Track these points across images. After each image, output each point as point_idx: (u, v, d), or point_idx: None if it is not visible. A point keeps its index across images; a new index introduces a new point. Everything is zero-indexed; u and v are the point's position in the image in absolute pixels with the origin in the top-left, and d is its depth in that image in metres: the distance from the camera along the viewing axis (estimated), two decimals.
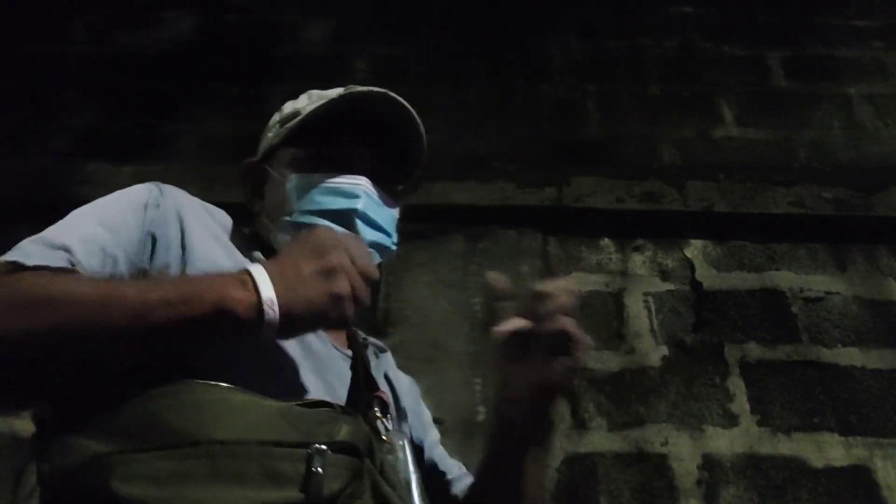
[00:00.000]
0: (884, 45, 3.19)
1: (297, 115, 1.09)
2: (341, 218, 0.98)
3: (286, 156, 1.07)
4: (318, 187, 1.00)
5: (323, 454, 0.69)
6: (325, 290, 0.76)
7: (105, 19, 3.44)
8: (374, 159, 1.07)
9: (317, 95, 1.11)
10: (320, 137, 1.05)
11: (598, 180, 2.60)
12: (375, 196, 1.04)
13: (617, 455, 2.06)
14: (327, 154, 1.04)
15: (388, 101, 1.05)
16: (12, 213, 2.58)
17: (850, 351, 2.25)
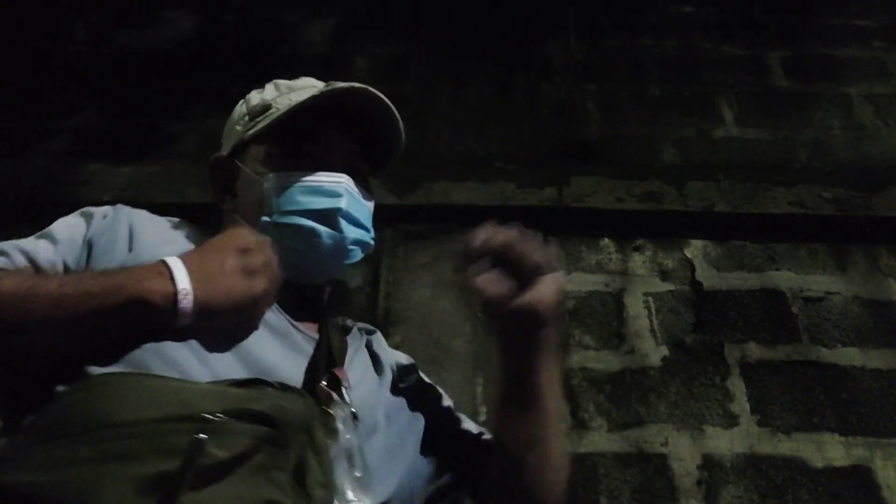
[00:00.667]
0: (884, 45, 3.19)
1: (268, 108, 1.06)
2: (325, 217, 0.97)
3: (259, 152, 1.04)
4: (298, 186, 0.98)
5: (212, 424, 0.69)
6: (245, 287, 0.79)
7: (105, 19, 3.44)
8: (354, 154, 1.07)
9: (285, 86, 1.09)
10: (297, 133, 1.03)
11: (598, 180, 2.60)
12: (356, 193, 1.03)
13: (617, 455, 2.06)
14: (305, 150, 1.02)
15: (366, 95, 1.06)
16: (12, 213, 2.59)
17: (850, 351, 2.25)
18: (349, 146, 1.06)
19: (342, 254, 1.01)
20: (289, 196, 0.97)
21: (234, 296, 0.78)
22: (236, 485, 0.68)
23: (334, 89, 1.02)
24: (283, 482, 0.72)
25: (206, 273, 0.78)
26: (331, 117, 1.04)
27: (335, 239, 0.98)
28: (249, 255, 0.81)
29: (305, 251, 0.98)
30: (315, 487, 0.74)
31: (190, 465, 0.66)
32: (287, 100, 1.05)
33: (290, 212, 0.97)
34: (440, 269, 2.44)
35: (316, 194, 0.98)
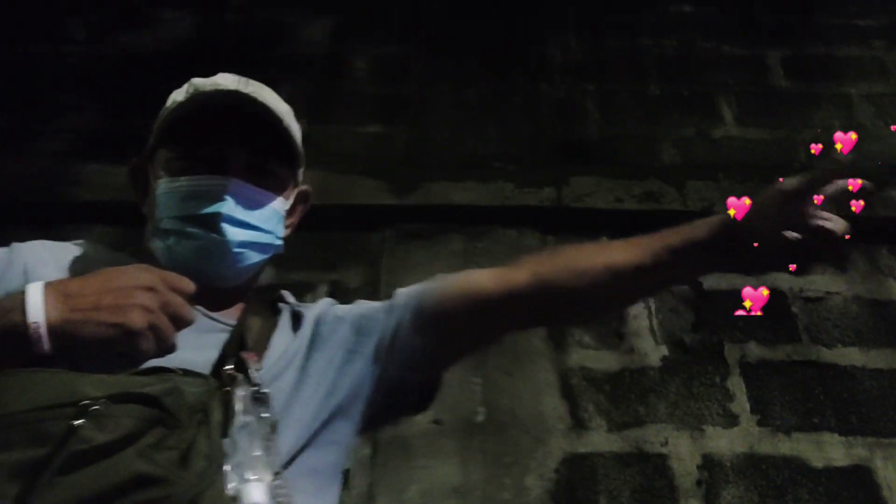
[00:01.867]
0: (884, 45, 3.19)
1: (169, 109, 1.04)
2: (207, 222, 0.96)
3: (160, 156, 1.03)
4: (181, 192, 0.98)
5: (91, 409, 0.69)
6: (115, 322, 0.76)
7: (104, 19, 3.44)
8: (250, 153, 1.02)
9: (194, 86, 1.05)
10: (189, 136, 1.01)
11: (597, 180, 2.60)
12: (246, 194, 1.00)
13: (617, 455, 2.06)
14: (198, 153, 1.00)
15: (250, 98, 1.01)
16: (11, 213, 2.59)
17: (850, 351, 2.25)
18: (245, 147, 1.01)
19: (229, 257, 0.99)
20: (173, 202, 0.97)
21: (99, 330, 0.76)
22: (113, 464, 0.69)
23: (197, 94, 1.00)
24: (169, 460, 0.72)
25: (72, 305, 0.76)
26: (226, 117, 1.00)
27: (216, 242, 0.97)
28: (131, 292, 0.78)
29: (192, 256, 0.98)
30: (198, 460, 0.74)
31: (60, 451, 0.66)
32: (182, 97, 1.03)
33: (173, 217, 0.97)
34: (439, 269, 2.43)
35: (198, 199, 0.97)
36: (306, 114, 3.00)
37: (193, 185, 0.98)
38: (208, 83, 1.03)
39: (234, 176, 0.99)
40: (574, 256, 1.09)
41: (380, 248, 2.53)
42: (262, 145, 1.03)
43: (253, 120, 1.01)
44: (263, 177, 1.03)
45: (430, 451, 2.06)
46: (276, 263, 2.51)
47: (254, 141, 1.02)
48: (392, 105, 3.03)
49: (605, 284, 1.04)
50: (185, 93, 1.04)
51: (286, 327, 1.06)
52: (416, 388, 1.10)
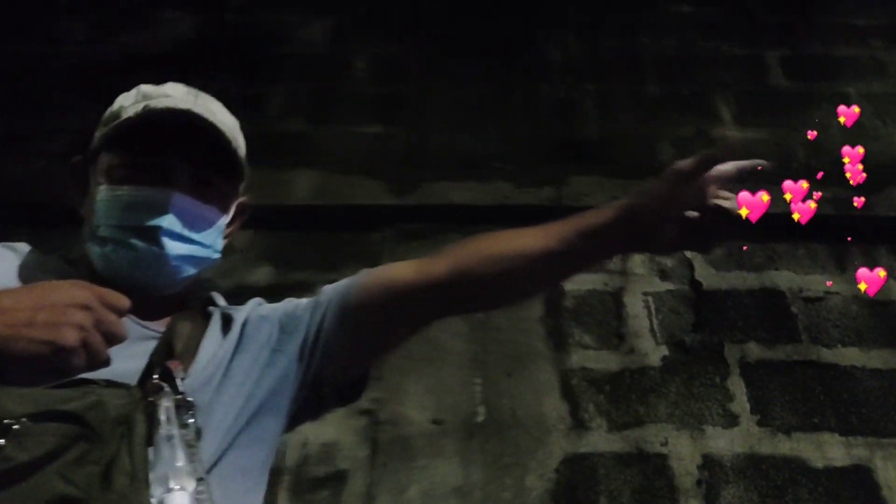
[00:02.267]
0: (882, 44, 3.20)
1: (117, 116, 1.04)
2: (147, 234, 0.97)
3: (104, 161, 1.02)
4: (124, 201, 0.98)
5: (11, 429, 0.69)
6: (48, 340, 0.75)
7: (104, 20, 3.44)
8: (195, 167, 1.02)
9: (143, 93, 1.06)
10: (134, 144, 1.00)
11: (596, 180, 2.60)
12: (188, 209, 1.00)
13: (617, 455, 2.06)
14: (143, 163, 1.00)
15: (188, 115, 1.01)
16: (10, 214, 2.58)
17: (850, 351, 2.25)
18: (195, 158, 1.02)
19: (166, 270, 0.99)
20: (114, 210, 0.98)
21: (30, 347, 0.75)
22: (35, 485, 0.69)
23: (148, 111, 1.00)
24: (92, 476, 0.72)
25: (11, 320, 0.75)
26: (174, 129, 1.00)
27: (155, 255, 0.97)
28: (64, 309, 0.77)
29: (129, 266, 0.98)
30: (119, 477, 0.74)
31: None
32: (134, 109, 1.02)
33: (113, 226, 0.97)
34: None
35: (139, 210, 0.97)
36: (306, 114, 3.01)
37: (136, 196, 0.98)
38: (159, 95, 1.04)
39: (178, 189, 0.99)
40: (489, 245, 1.15)
41: (379, 247, 2.53)
42: (206, 160, 1.03)
43: (199, 133, 1.01)
44: (206, 191, 1.03)
45: (430, 452, 2.06)
46: (275, 263, 2.52)
47: (199, 155, 1.02)
48: (392, 105, 3.03)
49: (520, 270, 1.09)
50: (134, 102, 1.04)
51: (216, 331, 1.07)
52: (344, 382, 1.12)
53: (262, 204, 2.58)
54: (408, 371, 2.23)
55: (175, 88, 1.07)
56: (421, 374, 2.22)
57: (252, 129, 2.59)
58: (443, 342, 2.27)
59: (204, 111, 1.02)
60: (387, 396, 2.17)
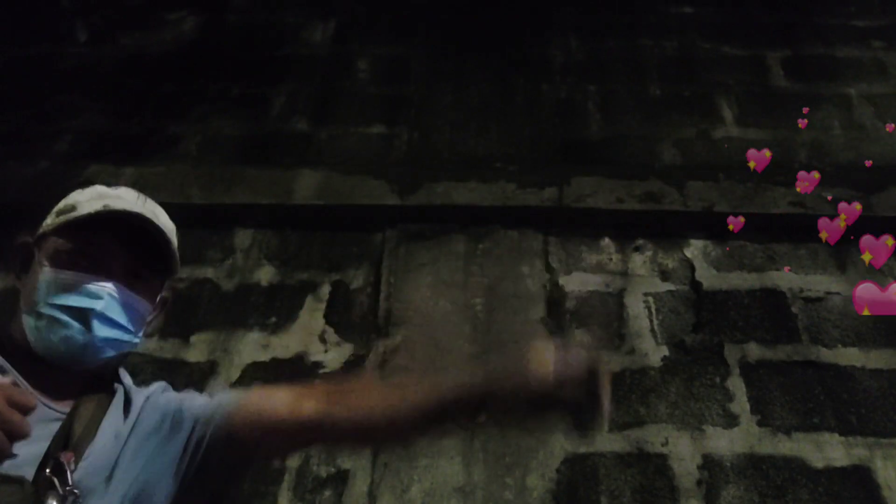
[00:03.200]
0: (883, 45, 3.20)
1: (72, 209, 1.13)
2: (79, 315, 1.07)
3: (51, 246, 1.12)
4: (65, 283, 1.08)
5: None
6: None
7: (107, 21, 3.45)
8: (132, 260, 1.13)
9: (98, 194, 1.17)
10: (83, 236, 1.11)
11: (598, 180, 2.60)
12: (121, 298, 1.11)
13: (618, 455, 2.07)
14: (87, 253, 1.10)
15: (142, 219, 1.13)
16: (14, 214, 2.59)
17: (850, 351, 2.25)
18: (134, 254, 1.14)
19: (91, 350, 1.09)
20: (55, 290, 1.07)
21: None
22: None
23: (110, 211, 1.11)
24: None
25: None
26: (119, 227, 1.12)
27: (84, 335, 1.07)
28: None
29: (57, 342, 1.06)
30: None
31: None
32: (93, 206, 1.12)
33: (51, 304, 1.07)
34: (441, 270, 2.45)
35: (78, 293, 1.08)
36: (309, 114, 3.02)
37: (76, 280, 1.08)
38: (114, 196, 1.16)
39: (114, 279, 1.10)
40: (362, 401, 1.22)
41: (382, 248, 2.54)
42: (143, 257, 1.15)
43: (142, 234, 1.14)
44: (138, 284, 1.14)
45: (432, 451, 2.07)
46: (278, 263, 2.53)
47: (138, 252, 1.14)
48: (394, 106, 3.03)
49: (385, 432, 1.21)
50: (90, 199, 1.15)
51: (117, 411, 1.14)
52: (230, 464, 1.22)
53: (265, 203, 2.62)
54: (409, 371, 2.24)
55: (128, 193, 1.19)
56: (422, 375, 2.23)
57: (255, 130, 2.64)
58: (444, 342, 2.28)
59: (150, 215, 1.14)
60: None
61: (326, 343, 2.32)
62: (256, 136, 2.89)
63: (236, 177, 2.66)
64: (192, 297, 2.44)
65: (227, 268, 2.51)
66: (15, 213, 2.61)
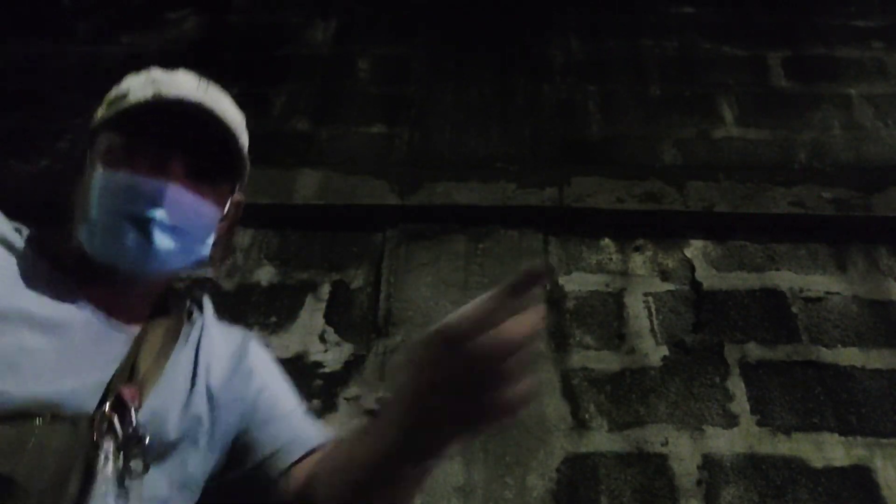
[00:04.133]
0: (884, 46, 3.20)
1: (123, 97, 1.00)
2: (138, 223, 0.93)
3: (102, 143, 0.98)
4: (119, 186, 0.94)
5: None
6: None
7: (108, 20, 3.45)
8: (195, 159, 0.99)
9: (151, 78, 1.03)
10: (135, 130, 0.97)
11: (598, 180, 2.61)
12: (184, 203, 0.96)
13: (617, 455, 2.07)
14: (140, 149, 0.96)
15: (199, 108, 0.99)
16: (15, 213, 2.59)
17: (849, 351, 2.25)
18: (196, 150, 0.98)
19: (152, 261, 0.96)
20: (108, 195, 0.94)
21: None
22: None
23: (160, 98, 0.97)
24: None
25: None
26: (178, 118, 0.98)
27: (143, 246, 0.94)
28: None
29: (115, 252, 0.94)
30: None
31: None
32: (144, 92, 0.99)
33: (104, 211, 0.94)
34: (441, 270, 2.45)
35: (134, 197, 0.93)
36: (310, 114, 3.02)
37: (132, 182, 0.94)
38: (170, 84, 1.01)
39: (175, 180, 0.96)
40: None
41: (382, 248, 2.54)
42: (208, 154, 1.00)
43: (205, 127, 0.99)
44: (203, 186, 1.00)
45: None
46: (278, 263, 2.53)
47: (201, 149, 0.99)
48: (395, 105, 3.04)
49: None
50: (143, 86, 1.01)
51: (191, 347, 1.03)
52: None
53: (265, 203, 2.61)
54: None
55: (187, 78, 1.05)
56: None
57: (256, 130, 2.59)
58: None
59: (213, 105, 1.00)
60: (390, 396, 2.17)
61: (326, 343, 2.32)
62: (257, 136, 2.85)
63: None
64: None
65: (227, 267, 2.51)
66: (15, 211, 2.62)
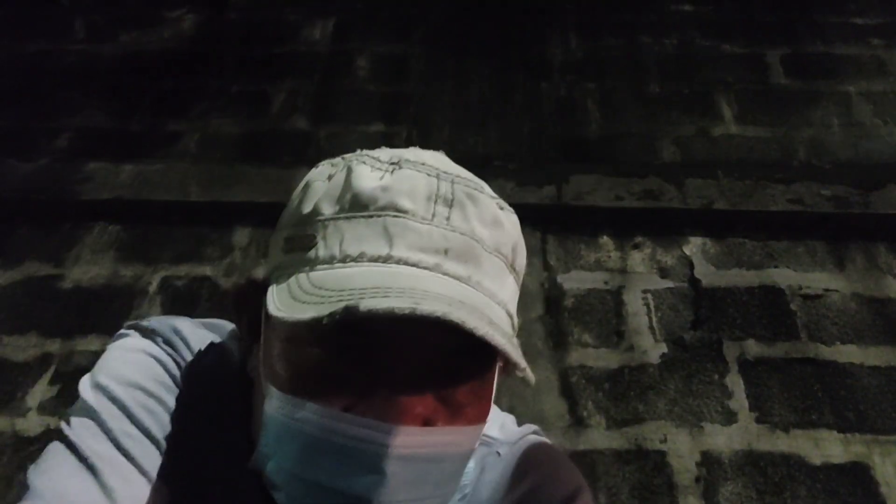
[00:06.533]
0: (883, 43, 3.20)
1: (310, 242, 0.61)
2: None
3: (278, 330, 0.61)
4: (310, 437, 0.56)
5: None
6: None
7: (107, 18, 3.45)
8: (440, 358, 0.58)
9: (358, 200, 0.62)
10: (345, 320, 0.51)
11: (597, 178, 2.61)
12: (420, 458, 0.57)
13: (616, 452, 2.07)
14: (351, 358, 0.57)
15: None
16: (14, 211, 2.60)
17: (848, 348, 2.25)
18: (444, 345, 0.57)
19: None
20: (294, 446, 0.57)
21: None
22: None
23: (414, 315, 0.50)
24: None
25: None
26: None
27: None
28: None
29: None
30: None
31: None
32: (340, 233, 0.60)
33: (291, 473, 0.57)
34: None
35: (342, 462, 0.55)
36: (308, 112, 3.02)
37: (329, 435, 0.55)
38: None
39: (405, 421, 0.56)
40: None
41: None
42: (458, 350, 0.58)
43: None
44: (451, 408, 0.60)
45: None
46: None
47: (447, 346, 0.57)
48: (393, 104, 3.04)
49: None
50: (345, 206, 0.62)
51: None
52: None
53: (263, 202, 2.61)
54: None
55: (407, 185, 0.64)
56: None
57: (254, 128, 2.65)
58: None
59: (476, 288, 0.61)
60: None
61: None
62: (256, 134, 2.89)
63: (235, 175, 2.66)
64: (192, 294, 2.44)
65: (226, 266, 2.51)
66: (14, 209, 2.62)
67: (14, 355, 2.30)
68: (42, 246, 2.54)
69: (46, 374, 2.25)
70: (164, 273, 2.49)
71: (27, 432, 2.12)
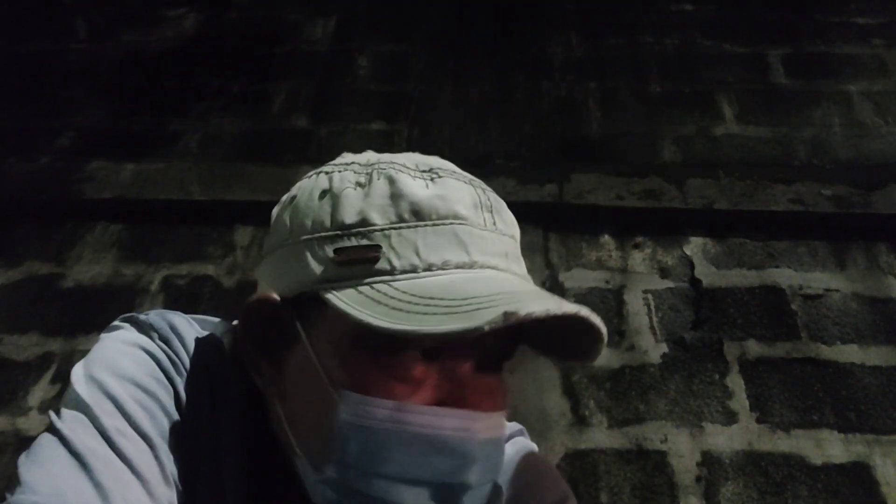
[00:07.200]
0: (884, 43, 3.20)
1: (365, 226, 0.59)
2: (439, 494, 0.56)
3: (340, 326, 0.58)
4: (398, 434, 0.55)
5: None
6: None
7: (108, 18, 3.45)
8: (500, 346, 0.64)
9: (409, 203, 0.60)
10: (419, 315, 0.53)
11: (598, 177, 2.61)
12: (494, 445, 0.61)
13: (617, 452, 2.07)
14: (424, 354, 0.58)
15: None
16: (16, 210, 2.60)
17: (849, 348, 2.25)
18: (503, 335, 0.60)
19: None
20: (377, 446, 0.55)
21: None
22: None
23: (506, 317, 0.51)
24: None
25: None
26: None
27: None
28: None
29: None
30: None
31: None
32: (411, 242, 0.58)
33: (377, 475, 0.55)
34: None
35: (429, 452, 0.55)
36: (309, 111, 3.02)
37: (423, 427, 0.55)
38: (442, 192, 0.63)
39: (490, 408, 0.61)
40: None
41: None
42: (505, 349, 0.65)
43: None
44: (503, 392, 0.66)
45: None
46: None
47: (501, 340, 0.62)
48: (394, 102, 3.04)
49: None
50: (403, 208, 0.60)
51: None
52: None
53: (264, 200, 2.62)
54: None
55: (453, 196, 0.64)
56: None
57: (255, 127, 2.65)
58: None
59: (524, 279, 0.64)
60: None
61: None
62: (257, 133, 2.89)
63: (236, 174, 2.66)
64: (193, 293, 2.45)
65: (228, 265, 2.51)
66: (16, 209, 2.62)
67: (15, 354, 2.30)
68: (43, 245, 2.54)
69: (48, 374, 2.26)
70: (165, 272, 2.50)
71: (28, 431, 2.13)
